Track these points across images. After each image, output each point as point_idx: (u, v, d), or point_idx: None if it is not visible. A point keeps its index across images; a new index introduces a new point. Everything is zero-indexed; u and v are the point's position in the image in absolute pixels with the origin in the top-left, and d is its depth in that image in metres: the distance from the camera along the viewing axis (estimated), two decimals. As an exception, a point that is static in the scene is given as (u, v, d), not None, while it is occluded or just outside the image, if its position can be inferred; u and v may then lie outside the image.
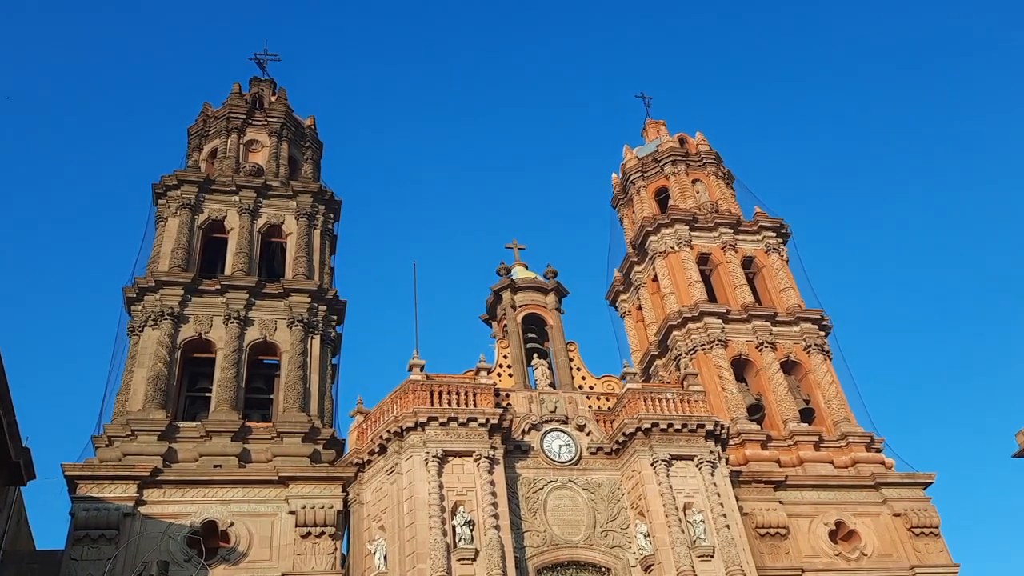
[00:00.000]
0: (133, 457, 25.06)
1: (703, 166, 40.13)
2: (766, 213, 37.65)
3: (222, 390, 27.56)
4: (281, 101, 38.50)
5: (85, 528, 23.23)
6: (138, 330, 28.62)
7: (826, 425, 31.26)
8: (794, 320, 33.70)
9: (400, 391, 25.75)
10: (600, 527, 24.98)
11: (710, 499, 24.99)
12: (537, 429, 26.48)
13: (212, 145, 36.49)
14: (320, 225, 33.73)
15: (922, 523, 28.42)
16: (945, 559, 28.10)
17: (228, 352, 28.43)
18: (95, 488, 23.92)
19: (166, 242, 31.29)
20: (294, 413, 27.45)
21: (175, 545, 23.55)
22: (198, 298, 29.52)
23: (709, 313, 33.01)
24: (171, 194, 32.60)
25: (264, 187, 33.54)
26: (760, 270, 36.38)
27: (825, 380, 32.37)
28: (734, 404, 30.70)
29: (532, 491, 25.15)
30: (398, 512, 23.66)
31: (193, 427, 26.66)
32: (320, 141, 39.08)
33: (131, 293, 29.39)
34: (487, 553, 22.49)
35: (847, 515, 28.36)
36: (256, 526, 24.63)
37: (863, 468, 29.68)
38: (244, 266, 30.91)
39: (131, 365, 27.81)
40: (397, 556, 23.00)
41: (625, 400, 27.04)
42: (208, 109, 37.83)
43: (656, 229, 36.44)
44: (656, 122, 44.52)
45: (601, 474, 26.15)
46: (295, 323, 29.62)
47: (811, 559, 27.11)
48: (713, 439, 26.33)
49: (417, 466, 23.91)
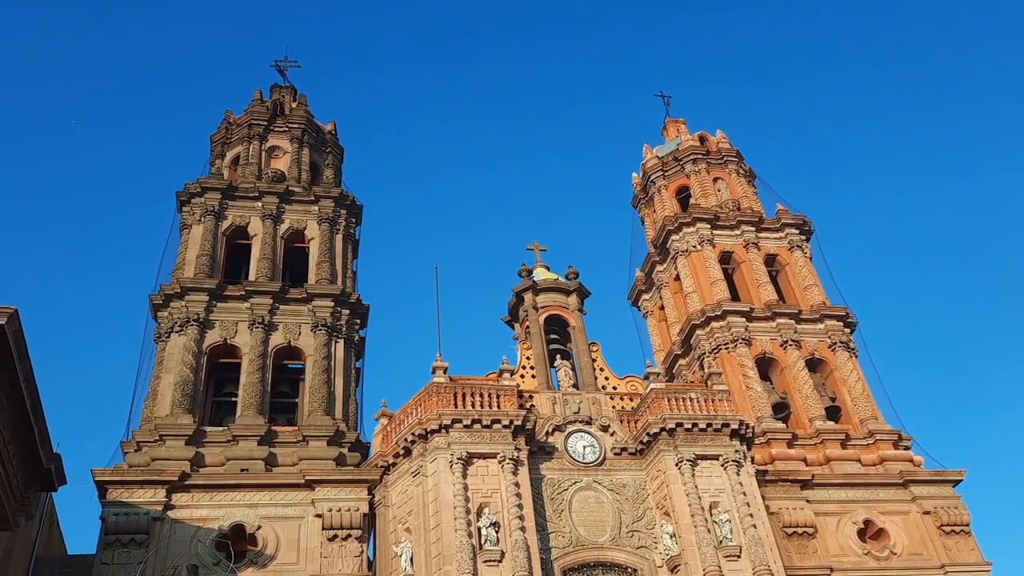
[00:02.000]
0: (161, 462, 25.33)
1: (724, 164, 39.90)
2: (788, 210, 37.39)
3: (248, 394, 27.81)
4: (302, 107, 38.79)
5: (116, 532, 23.52)
6: (164, 336, 28.95)
7: (853, 423, 30.99)
8: (819, 317, 33.44)
9: (424, 394, 25.83)
10: (626, 528, 24.91)
11: (736, 499, 24.84)
12: (561, 430, 26.47)
13: (235, 152, 36.83)
14: (342, 229, 33.94)
15: (952, 521, 28.09)
16: (976, 557, 27.75)
17: (253, 357, 28.68)
18: (125, 493, 24.22)
19: (191, 249, 31.63)
20: (319, 417, 27.63)
21: (204, 549, 23.78)
22: (223, 304, 29.82)
23: (732, 312, 32.83)
24: (195, 201, 32.95)
25: (286, 193, 33.81)
26: (783, 268, 36.14)
27: (851, 377, 32.09)
28: (759, 403, 30.51)
29: (557, 492, 25.14)
30: (423, 514, 23.74)
31: (220, 431, 26.90)
32: (341, 146, 39.31)
33: (157, 300, 29.73)
34: (513, 554, 22.50)
35: (876, 514, 28.08)
36: (283, 529, 24.81)
37: (891, 466, 29.40)
38: (268, 272, 31.17)
39: (158, 371, 28.12)
40: (423, 558, 23.08)
41: (649, 400, 26.96)
42: (230, 116, 38.20)
43: (678, 228, 36.30)
44: (676, 121, 44.37)
45: (626, 474, 26.08)
46: (319, 327, 29.82)
47: (839, 558, 26.89)
48: (738, 438, 26.18)
49: (442, 468, 23.98)
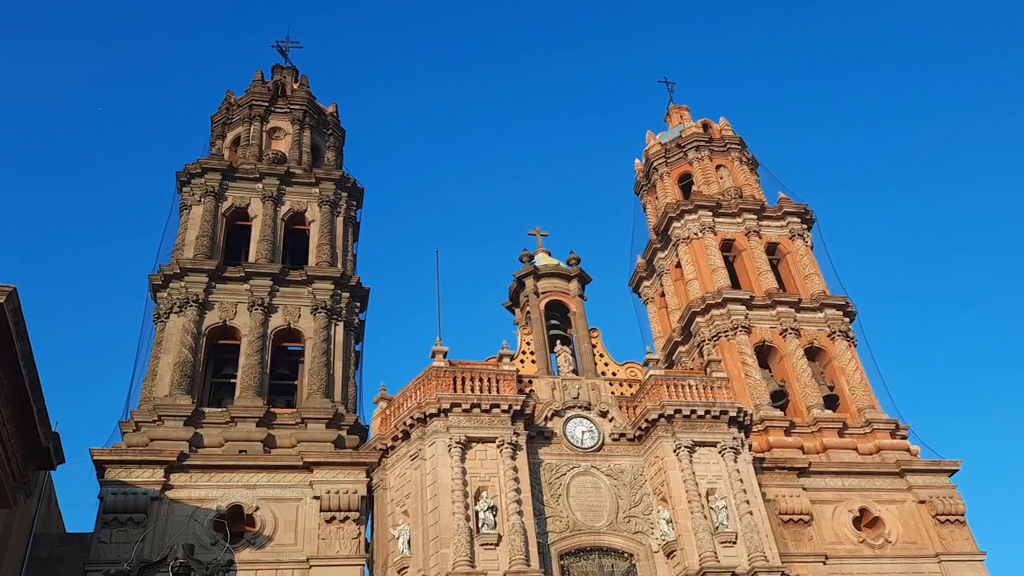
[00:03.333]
0: (160, 442, 25.37)
1: (727, 151, 39.77)
2: (790, 199, 37.30)
3: (247, 376, 27.81)
4: (303, 88, 38.58)
5: (114, 512, 23.59)
6: (164, 317, 28.92)
7: (850, 412, 31.05)
8: (818, 306, 33.44)
9: (423, 377, 25.86)
10: (623, 513, 25.01)
11: (733, 485, 24.93)
12: (560, 415, 26.53)
13: (235, 133, 36.66)
14: (343, 212, 33.84)
15: (947, 510, 28.21)
16: (971, 546, 27.88)
17: (252, 339, 28.66)
18: (123, 472, 24.25)
19: (190, 230, 31.55)
20: (318, 399, 27.65)
21: (201, 529, 23.85)
22: (222, 285, 29.76)
23: (732, 299, 32.83)
24: (195, 182, 32.83)
25: (287, 174, 33.68)
26: (784, 256, 36.10)
27: (850, 366, 32.13)
28: (757, 390, 30.55)
29: (555, 477, 25.21)
30: (421, 497, 23.82)
31: (218, 413, 26.94)
32: (342, 128, 39.14)
33: (156, 280, 29.68)
34: (510, 538, 22.59)
35: (871, 502, 28.20)
36: (281, 510, 24.87)
37: (888, 455, 29.48)
38: (268, 253, 31.11)
39: (157, 352, 28.12)
40: (420, 541, 23.18)
41: (648, 386, 26.99)
42: (231, 97, 37.99)
43: (679, 215, 36.23)
44: (679, 107, 44.18)
45: (624, 460, 26.17)
46: (319, 310, 29.79)
47: (835, 546, 27.01)
48: (736, 425, 26.25)
49: (440, 452, 24.04)
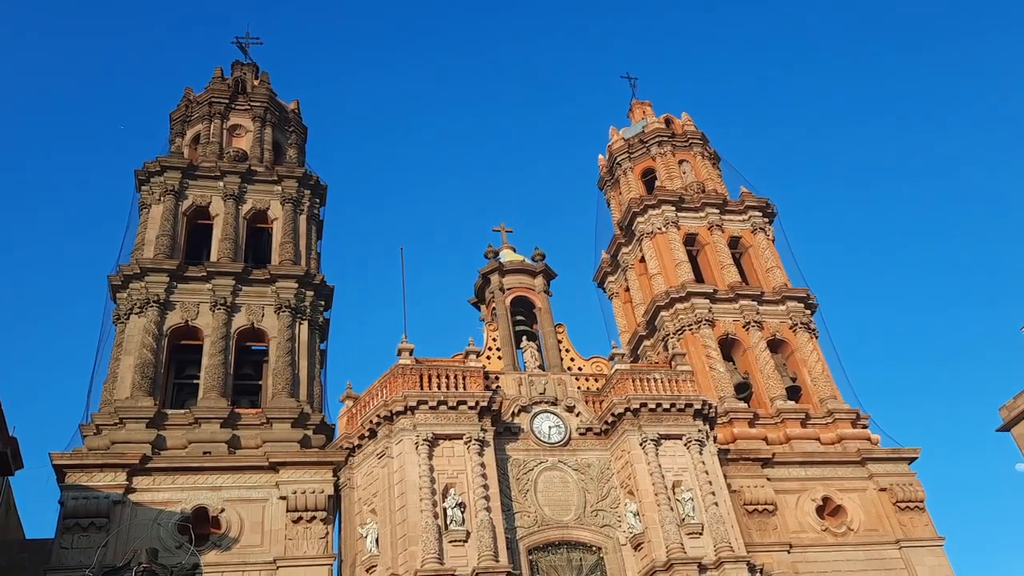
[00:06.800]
0: (121, 445, 25.00)
1: (689, 147, 40.10)
2: (752, 193, 37.74)
3: (210, 377, 27.48)
4: (264, 85, 38.15)
5: (75, 516, 23.21)
6: (124, 318, 28.47)
7: (812, 402, 31.53)
8: (780, 299, 33.89)
9: (389, 375, 25.76)
10: (590, 507, 25.15)
11: (699, 477, 25.19)
12: (527, 411, 26.59)
13: (195, 130, 36.14)
14: (306, 210, 33.56)
15: (907, 497, 28.80)
16: (930, 533, 28.49)
17: (215, 339, 28.33)
18: (84, 476, 23.88)
19: (150, 229, 31.05)
20: (283, 399, 27.42)
21: (165, 532, 23.56)
22: (184, 285, 29.38)
23: (696, 293, 33.14)
24: (154, 180, 32.32)
25: (248, 172, 33.29)
26: (746, 250, 36.51)
27: (811, 358, 32.61)
28: (722, 383, 30.89)
29: (522, 472, 25.28)
30: (389, 496, 23.73)
31: (181, 414, 26.59)
32: (304, 125, 38.82)
33: (116, 281, 29.21)
34: (478, 535, 22.61)
35: (834, 491, 28.67)
36: (247, 512, 24.65)
37: (849, 444, 30.00)
38: (230, 252, 30.75)
39: (117, 353, 27.69)
40: (389, 539, 23.10)
41: (614, 381, 27.16)
42: (190, 94, 37.43)
43: (643, 210, 36.46)
44: (642, 103, 44.47)
45: (591, 454, 26.30)
46: (282, 309, 29.53)
47: (799, 535, 27.43)
48: (701, 418, 26.52)
49: (407, 450, 23.97)
